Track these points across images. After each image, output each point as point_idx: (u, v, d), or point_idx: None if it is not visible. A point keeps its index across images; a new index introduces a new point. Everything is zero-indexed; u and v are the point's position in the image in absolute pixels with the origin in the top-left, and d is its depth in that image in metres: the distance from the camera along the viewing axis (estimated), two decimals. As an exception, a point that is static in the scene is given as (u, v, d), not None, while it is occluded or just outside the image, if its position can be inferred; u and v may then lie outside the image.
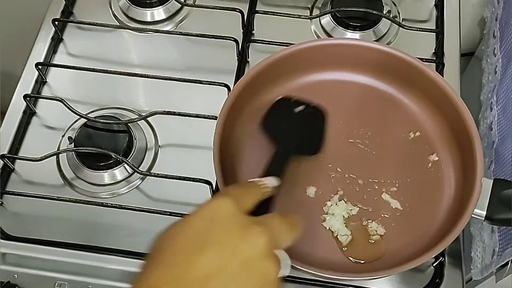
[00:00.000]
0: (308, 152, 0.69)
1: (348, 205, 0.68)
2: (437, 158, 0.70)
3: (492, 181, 0.63)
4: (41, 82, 0.83)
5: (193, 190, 0.72)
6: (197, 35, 0.83)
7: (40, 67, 0.81)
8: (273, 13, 0.84)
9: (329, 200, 0.68)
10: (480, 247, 0.76)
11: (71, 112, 0.77)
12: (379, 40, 0.85)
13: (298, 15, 0.84)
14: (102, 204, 0.72)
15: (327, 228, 0.67)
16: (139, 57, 0.86)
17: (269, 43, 0.82)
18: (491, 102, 0.81)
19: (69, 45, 0.87)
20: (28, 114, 0.81)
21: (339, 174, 0.70)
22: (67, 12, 0.89)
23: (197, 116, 0.75)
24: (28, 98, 0.79)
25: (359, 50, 0.73)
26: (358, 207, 0.68)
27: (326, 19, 0.86)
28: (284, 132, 0.67)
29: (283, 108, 0.71)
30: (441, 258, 0.68)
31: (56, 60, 0.85)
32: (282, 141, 0.65)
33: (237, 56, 0.83)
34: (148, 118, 0.77)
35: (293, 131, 0.68)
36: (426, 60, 0.80)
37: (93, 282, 0.69)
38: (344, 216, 0.67)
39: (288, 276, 0.69)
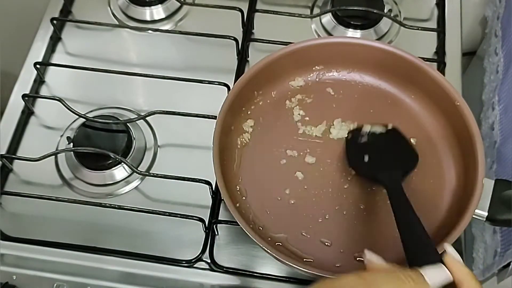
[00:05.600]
0: (411, 167, 0.67)
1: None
2: (438, 158, 0.70)
3: (494, 181, 0.63)
4: (39, 81, 0.83)
5: (193, 190, 0.72)
6: (196, 34, 0.83)
7: (38, 66, 0.81)
8: (273, 12, 0.84)
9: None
10: (481, 248, 0.75)
11: (70, 112, 0.76)
12: (380, 39, 0.84)
13: (299, 14, 0.84)
14: (100, 205, 0.71)
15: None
16: (138, 56, 0.86)
17: (269, 42, 0.82)
18: (493, 101, 0.80)
19: (67, 44, 0.86)
20: (27, 114, 0.80)
21: (340, 174, 0.69)
22: (66, 11, 0.89)
23: (196, 115, 0.75)
24: (26, 98, 0.79)
25: (360, 49, 0.73)
26: (360, 207, 0.67)
27: (327, 18, 0.86)
28: (379, 165, 0.66)
29: (358, 143, 0.69)
30: (442, 259, 0.68)
31: (54, 60, 0.85)
32: (386, 177, 0.63)
33: (237, 55, 0.83)
34: (147, 118, 0.77)
35: (381, 158, 0.67)
36: (428, 60, 0.80)
37: (92, 283, 0.69)
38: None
39: (288, 277, 0.68)
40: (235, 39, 0.81)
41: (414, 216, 0.56)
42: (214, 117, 0.68)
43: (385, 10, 0.85)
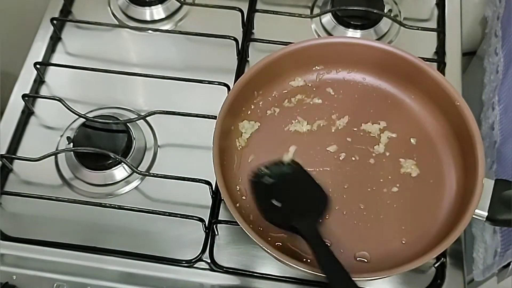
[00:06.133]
0: (323, 209, 0.64)
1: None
2: (438, 158, 0.70)
3: (494, 181, 0.63)
4: (39, 81, 0.83)
5: (193, 190, 0.72)
6: (196, 34, 0.83)
7: (38, 66, 0.81)
8: (273, 12, 0.84)
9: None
10: (481, 248, 0.75)
11: (70, 112, 0.76)
12: (380, 39, 0.84)
13: (299, 14, 0.84)
14: (100, 205, 0.71)
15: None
16: (138, 56, 0.86)
17: (269, 42, 0.82)
18: (493, 101, 0.80)
19: (67, 44, 0.86)
20: (27, 114, 0.80)
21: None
22: (66, 11, 0.89)
23: (196, 115, 0.75)
24: (26, 98, 0.79)
25: (360, 49, 0.73)
26: (360, 207, 0.67)
27: (327, 18, 0.86)
28: (292, 211, 0.62)
29: (265, 185, 0.65)
30: (442, 259, 0.68)
31: (54, 60, 0.85)
32: (303, 225, 0.60)
33: (237, 55, 0.83)
34: (147, 118, 0.77)
35: (293, 202, 0.63)
36: (428, 60, 0.80)
37: (92, 283, 0.69)
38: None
39: (288, 277, 0.68)
40: (235, 39, 0.81)
41: (338, 264, 0.57)
42: (214, 117, 0.68)
43: (385, 10, 0.85)
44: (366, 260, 0.65)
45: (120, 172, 0.75)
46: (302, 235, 0.60)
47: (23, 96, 0.79)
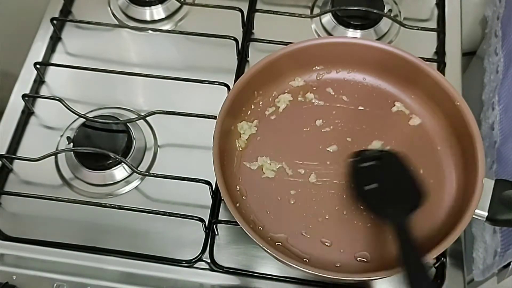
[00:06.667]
0: (417, 204, 0.62)
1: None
2: (438, 158, 0.70)
3: (494, 181, 0.63)
4: (39, 81, 0.83)
5: (193, 190, 0.72)
6: (196, 34, 0.83)
7: (38, 66, 0.81)
8: (273, 12, 0.84)
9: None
10: (481, 248, 0.75)
11: (70, 112, 0.76)
12: (380, 39, 0.84)
13: (299, 14, 0.84)
14: (100, 205, 0.71)
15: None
16: (138, 56, 0.86)
17: (269, 42, 0.82)
18: (493, 101, 0.80)
19: (67, 44, 0.86)
20: (27, 114, 0.80)
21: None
22: (66, 11, 0.89)
23: (196, 115, 0.75)
24: (26, 98, 0.79)
25: (360, 49, 0.73)
26: (360, 207, 0.67)
27: (327, 18, 0.86)
28: (387, 198, 0.63)
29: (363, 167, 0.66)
30: (442, 259, 0.68)
31: (54, 60, 0.85)
32: (394, 213, 0.60)
33: (237, 55, 0.83)
34: (147, 118, 0.77)
35: (389, 188, 0.64)
36: (428, 60, 0.80)
37: (92, 283, 0.69)
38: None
39: (288, 277, 0.68)
40: (235, 39, 0.81)
41: (420, 259, 0.56)
42: (214, 117, 0.68)
43: (385, 10, 0.85)
44: (366, 260, 0.65)
45: (120, 172, 0.75)
46: (391, 222, 0.60)
47: (23, 96, 0.79)
